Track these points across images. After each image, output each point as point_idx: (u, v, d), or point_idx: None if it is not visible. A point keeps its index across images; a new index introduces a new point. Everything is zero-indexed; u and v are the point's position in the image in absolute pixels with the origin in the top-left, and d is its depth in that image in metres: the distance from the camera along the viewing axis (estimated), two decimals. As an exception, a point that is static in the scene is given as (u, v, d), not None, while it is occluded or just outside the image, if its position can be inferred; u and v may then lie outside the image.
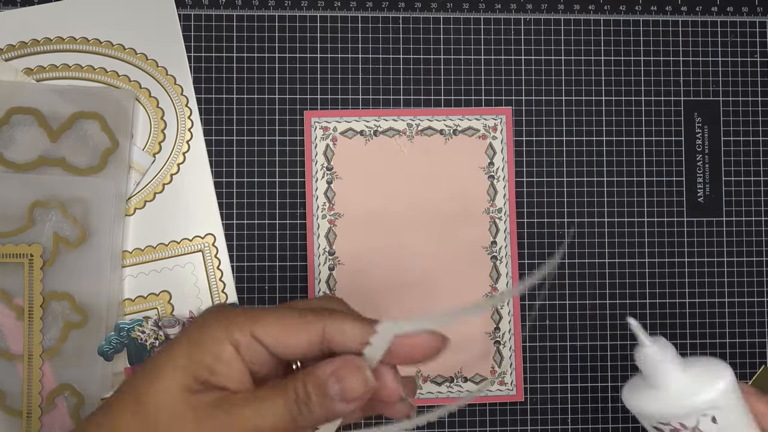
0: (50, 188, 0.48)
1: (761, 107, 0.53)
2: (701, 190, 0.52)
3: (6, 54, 0.49)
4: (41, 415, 0.47)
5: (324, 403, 0.29)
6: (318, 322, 0.30)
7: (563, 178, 0.52)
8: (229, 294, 0.50)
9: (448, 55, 0.52)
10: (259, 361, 0.31)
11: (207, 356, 0.30)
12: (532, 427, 0.51)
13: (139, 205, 0.50)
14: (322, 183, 0.50)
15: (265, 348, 0.30)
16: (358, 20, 0.52)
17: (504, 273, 0.50)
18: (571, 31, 0.52)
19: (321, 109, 0.51)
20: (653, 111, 0.52)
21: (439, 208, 0.50)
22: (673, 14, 0.53)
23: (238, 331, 0.30)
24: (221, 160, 0.50)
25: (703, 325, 0.52)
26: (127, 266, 0.49)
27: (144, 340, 0.48)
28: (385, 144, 0.51)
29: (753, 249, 0.52)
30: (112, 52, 0.50)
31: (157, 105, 0.50)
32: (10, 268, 0.47)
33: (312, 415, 0.29)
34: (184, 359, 0.30)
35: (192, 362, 0.30)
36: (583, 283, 0.51)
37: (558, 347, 0.51)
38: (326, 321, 0.31)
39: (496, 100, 0.52)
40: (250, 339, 0.30)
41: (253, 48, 0.51)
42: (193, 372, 0.29)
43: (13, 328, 0.47)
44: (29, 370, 0.47)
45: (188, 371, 0.29)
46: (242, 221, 0.50)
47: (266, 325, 0.30)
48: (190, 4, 0.51)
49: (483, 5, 0.52)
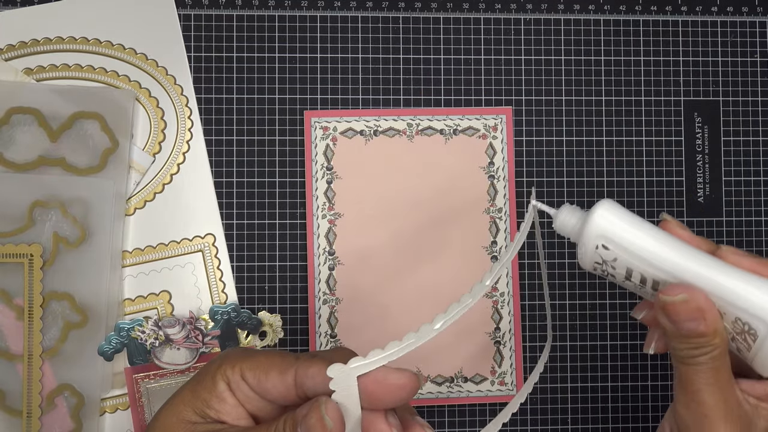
0: (50, 188, 0.48)
1: (761, 107, 0.53)
2: (701, 190, 0.52)
3: (6, 54, 0.49)
4: (41, 415, 0.47)
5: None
6: (292, 366, 0.31)
7: (563, 177, 0.52)
8: (229, 294, 0.50)
9: (448, 55, 0.52)
10: (253, 401, 0.32)
11: (204, 391, 0.32)
12: (532, 427, 0.51)
13: (139, 205, 0.50)
14: (322, 183, 0.50)
15: (250, 388, 0.32)
16: (358, 20, 0.52)
17: (504, 273, 0.50)
18: (571, 31, 0.53)
19: (321, 109, 0.51)
20: (653, 111, 0.52)
21: (440, 207, 0.50)
22: (673, 14, 0.53)
23: (229, 369, 0.32)
24: (221, 160, 0.50)
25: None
26: (127, 266, 0.49)
27: (144, 340, 0.48)
28: (385, 144, 0.51)
29: (753, 249, 0.52)
30: (112, 52, 0.50)
31: (157, 105, 0.50)
32: (10, 268, 0.47)
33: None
34: (188, 393, 0.32)
35: (193, 396, 0.32)
36: (583, 283, 0.51)
37: (558, 347, 0.51)
38: (299, 364, 0.31)
39: (496, 99, 0.52)
40: (239, 378, 0.32)
41: (253, 48, 0.51)
42: (193, 406, 0.32)
43: (13, 328, 0.47)
44: (29, 370, 0.47)
45: (189, 405, 0.32)
46: (242, 221, 0.50)
47: (252, 365, 0.32)
48: (190, 4, 0.51)
49: (483, 5, 0.52)
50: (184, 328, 0.48)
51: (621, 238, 0.33)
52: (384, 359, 0.30)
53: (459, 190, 0.51)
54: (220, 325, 0.48)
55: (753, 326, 0.32)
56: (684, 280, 0.32)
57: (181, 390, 0.33)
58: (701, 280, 0.32)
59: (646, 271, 0.33)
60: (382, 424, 0.30)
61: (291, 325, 0.50)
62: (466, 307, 0.31)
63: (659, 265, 0.32)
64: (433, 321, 0.30)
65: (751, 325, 0.32)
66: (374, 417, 0.30)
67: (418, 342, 0.30)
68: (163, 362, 0.48)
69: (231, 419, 0.32)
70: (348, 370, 0.30)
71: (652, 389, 0.51)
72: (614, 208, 0.33)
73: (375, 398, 0.30)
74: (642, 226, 0.33)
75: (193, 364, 0.48)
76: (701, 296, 0.32)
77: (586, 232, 0.33)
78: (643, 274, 0.33)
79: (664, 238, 0.33)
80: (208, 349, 0.48)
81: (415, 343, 0.30)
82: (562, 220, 0.35)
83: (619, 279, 0.34)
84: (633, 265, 0.33)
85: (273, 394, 0.32)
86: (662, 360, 0.52)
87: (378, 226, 0.50)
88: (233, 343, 0.49)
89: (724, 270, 0.32)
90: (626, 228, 0.33)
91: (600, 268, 0.34)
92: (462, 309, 0.31)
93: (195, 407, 0.32)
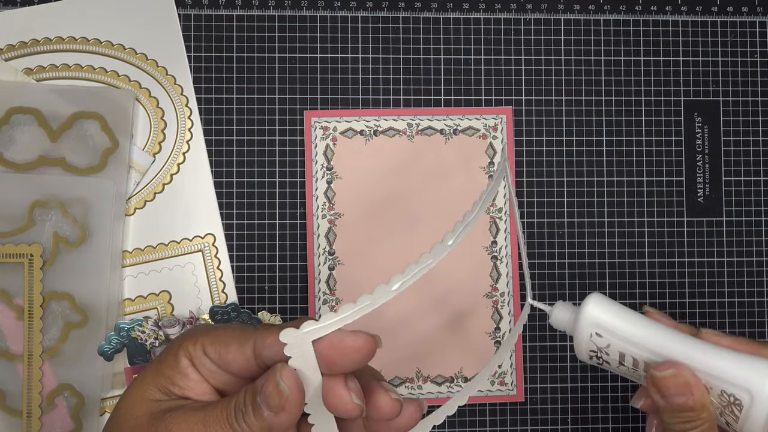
0: (50, 188, 0.48)
1: (761, 107, 0.53)
2: (701, 190, 0.52)
3: (6, 54, 0.49)
4: (41, 415, 0.47)
5: (257, 412, 0.30)
6: (251, 337, 0.31)
7: (563, 177, 0.52)
8: (229, 294, 0.50)
9: (448, 55, 0.52)
10: (216, 376, 0.32)
11: (167, 369, 0.32)
12: (532, 427, 0.51)
13: (139, 205, 0.50)
14: (322, 183, 0.50)
15: (212, 362, 0.32)
16: (358, 20, 0.52)
17: (504, 273, 0.50)
18: (571, 31, 0.53)
19: (321, 109, 0.51)
20: (653, 111, 0.52)
21: (439, 207, 0.50)
22: (673, 14, 0.53)
23: (191, 344, 0.32)
24: (221, 160, 0.50)
25: (703, 325, 0.52)
26: (127, 266, 0.49)
27: (144, 340, 0.48)
28: (385, 144, 0.51)
29: (753, 249, 0.52)
30: (112, 52, 0.50)
31: (157, 105, 0.50)
32: (10, 268, 0.47)
33: (249, 426, 0.30)
34: (151, 372, 0.32)
35: (156, 374, 0.32)
36: (583, 283, 0.51)
37: (558, 347, 0.51)
38: (257, 335, 0.31)
39: (496, 99, 0.52)
40: (201, 353, 0.32)
41: (253, 48, 0.51)
42: (156, 383, 0.32)
43: (13, 328, 0.47)
44: (29, 370, 0.47)
45: (152, 383, 0.32)
46: (242, 221, 0.50)
47: (212, 340, 0.32)
48: (190, 4, 0.51)
49: (483, 5, 0.52)
50: (184, 328, 0.48)
51: (612, 324, 0.35)
52: (338, 323, 0.29)
53: (459, 189, 0.51)
54: (220, 325, 0.48)
55: (738, 396, 0.34)
56: (672, 358, 0.35)
57: (144, 371, 0.33)
58: (687, 358, 0.35)
59: (637, 354, 0.35)
60: (341, 389, 0.30)
61: (291, 325, 0.50)
62: (426, 267, 0.30)
63: (648, 346, 0.35)
64: (390, 282, 0.30)
65: (736, 396, 0.34)
66: (333, 382, 0.30)
67: (373, 305, 0.30)
68: (163, 362, 0.48)
69: (195, 395, 0.32)
70: (301, 335, 0.29)
71: (652, 389, 0.51)
72: (603, 300, 0.36)
73: (332, 362, 0.30)
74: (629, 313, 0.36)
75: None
76: (688, 372, 0.34)
77: (580, 323, 0.36)
78: (634, 357, 0.36)
79: (650, 323, 0.36)
80: (208, 349, 0.48)
81: (371, 306, 0.30)
82: (557, 315, 0.37)
83: (613, 365, 0.37)
84: (625, 349, 0.36)
85: (234, 367, 0.32)
86: (662, 360, 0.52)
87: (378, 226, 0.50)
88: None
89: (706, 348, 0.35)
90: (616, 315, 0.36)
91: (595, 357, 0.37)
92: (421, 269, 0.30)
93: (158, 385, 0.32)
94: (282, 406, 0.29)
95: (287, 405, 0.29)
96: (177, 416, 0.31)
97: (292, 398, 0.29)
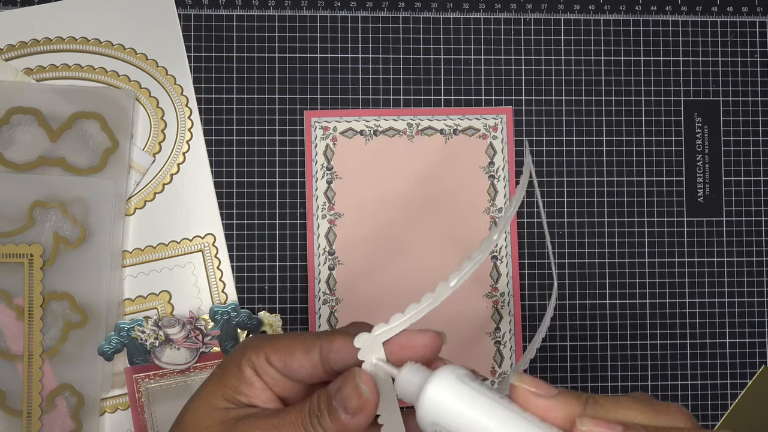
0: (50, 188, 0.48)
1: (761, 107, 0.53)
2: (701, 190, 0.52)
3: (6, 54, 0.49)
4: (41, 415, 0.47)
5: (332, 415, 0.30)
6: (315, 343, 0.32)
7: (563, 177, 0.52)
8: (229, 294, 0.50)
9: (448, 55, 0.52)
10: (280, 384, 0.33)
11: (232, 379, 0.33)
12: (532, 427, 0.51)
13: (139, 205, 0.50)
14: (322, 183, 0.50)
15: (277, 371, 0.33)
16: (358, 20, 0.52)
17: (504, 273, 0.50)
18: (571, 31, 0.53)
19: (321, 109, 0.51)
20: (653, 111, 0.52)
21: (440, 207, 0.50)
22: (673, 14, 0.53)
23: (254, 354, 0.33)
24: (221, 160, 0.50)
25: (703, 325, 0.52)
26: (127, 266, 0.49)
27: (144, 340, 0.48)
28: (385, 144, 0.51)
29: (753, 249, 0.52)
30: (112, 52, 0.50)
31: (157, 105, 0.50)
32: (10, 268, 0.47)
33: (324, 429, 0.30)
34: (214, 382, 0.33)
35: (220, 384, 0.33)
36: (583, 283, 0.51)
37: (558, 347, 0.51)
38: (321, 341, 0.32)
39: (496, 99, 0.52)
40: (265, 362, 0.33)
41: (253, 48, 0.51)
42: (222, 393, 0.33)
43: (13, 328, 0.47)
44: (29, 370, 0.47)
45: (217, 392, 0.33)
46: (242, 221, 0.50)
47: (275, 349, 0.33)
48: (190, 4, 0.51)
49: (483, 5, 0.52)
50: (184, 328, 0.48)
51: (452, 421, 0.28)
52: (405, 322, 0.30)
53: (459, 189, 0.51)
54: (220, 325, 0.48)
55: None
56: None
57: (206, 383, 0.34)
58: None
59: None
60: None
61: (291, 325, 0.50)
62: (477, 262, 0.31)
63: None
64: (448, 279, 0.31)
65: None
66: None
67: (436, 301, 0.31)
68: (163, 362, 0.48)
69: (261, 402, 0.33)
70: (373, 338, 0.30)
71: (652, 389, 0.51)
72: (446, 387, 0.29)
73: (401, 361, 0.31)
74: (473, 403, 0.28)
75: (193, 364, 0.48)
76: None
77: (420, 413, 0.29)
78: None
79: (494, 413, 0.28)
80: (208, 349, 0.48)
81: (433, 303, 0.31)
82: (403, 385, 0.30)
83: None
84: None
85: (301, 374, 0.32)
86: (661, 360, 0.52)
87: (378, 226, 0.50)
88: (233, 343, 0.49)
89: None
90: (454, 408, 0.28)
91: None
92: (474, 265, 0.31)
93: (224, 395, 0.33)
94: (360, 408, 0.30)
95: (366, 406, 0.30)
96: (251, 423, 0.31)
97: (371, 400, 0.30)
